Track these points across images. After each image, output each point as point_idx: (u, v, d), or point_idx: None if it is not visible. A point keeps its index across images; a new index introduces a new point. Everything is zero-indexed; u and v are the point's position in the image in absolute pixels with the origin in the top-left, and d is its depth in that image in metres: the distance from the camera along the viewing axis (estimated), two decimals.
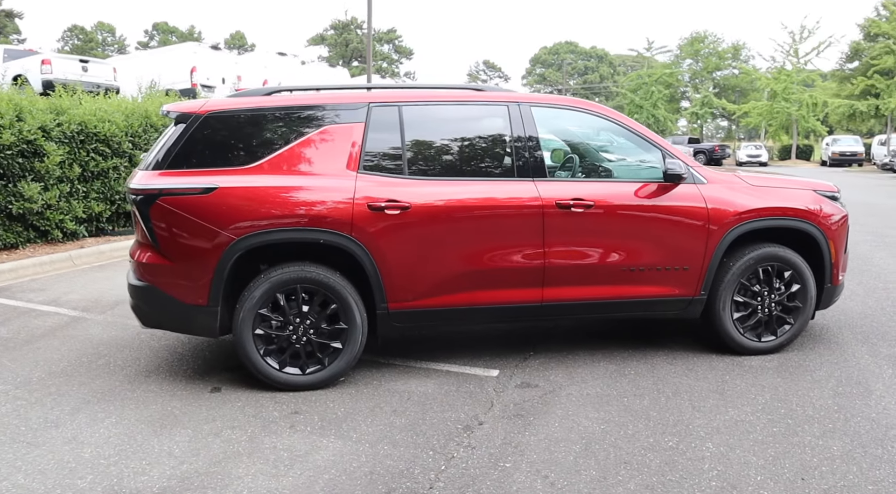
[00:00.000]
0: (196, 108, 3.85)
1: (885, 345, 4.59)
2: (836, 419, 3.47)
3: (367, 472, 2.99)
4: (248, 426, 3.44)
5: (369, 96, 4.06)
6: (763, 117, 45.82)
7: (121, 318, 5.37)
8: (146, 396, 3.83)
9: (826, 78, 47.14)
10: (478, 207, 3.95)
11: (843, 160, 39.04)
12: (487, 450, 3.18)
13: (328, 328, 3.87)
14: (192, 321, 3.83)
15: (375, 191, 3.83)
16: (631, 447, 3.21)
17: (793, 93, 43.01)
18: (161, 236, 3.71)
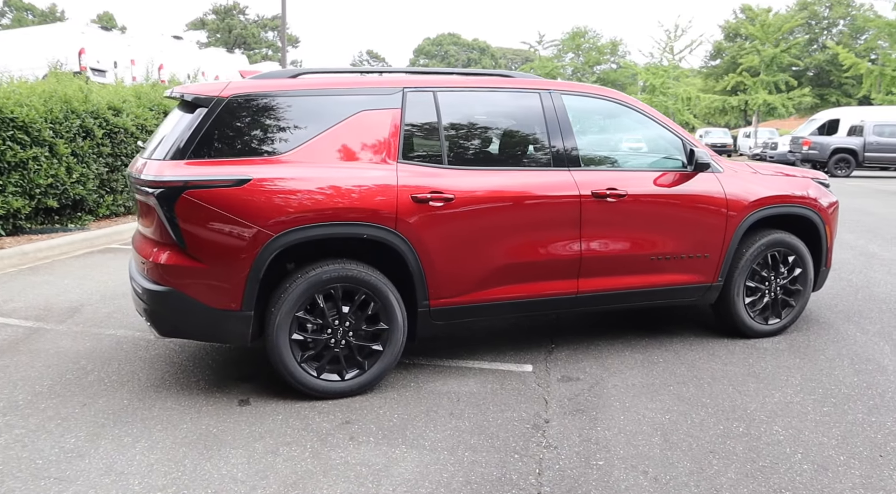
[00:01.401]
0: (218, 90, 3.44)
1: (868, 322, 4.94)
2: (872, 396, 3.67)
3: (462, 482, 2.81)
4: (303, 441, 3.14)
5: (403, 80, 3.81)
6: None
7: (87, 327, 4.76)
8: (168, 414, 3.40)
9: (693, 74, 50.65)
10: (519, 198, 3.82)
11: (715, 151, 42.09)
12: (572, 449, 3.09)
13: (368, 330, 3.61)
14: (223, 328, 3.44)
15: (417, 181, 3.60)
16: (707, 435, 3.23)
17: (669, 87, 45.82)
18: (188, 234, 3.29)
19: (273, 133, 3.48)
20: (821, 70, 57.58)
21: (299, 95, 3.57)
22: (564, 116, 4.02)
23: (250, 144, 3.44)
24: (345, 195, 3.46)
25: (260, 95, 3.50)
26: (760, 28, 36.93)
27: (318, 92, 3.61)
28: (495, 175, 3.82)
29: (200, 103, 3.41)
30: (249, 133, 3.45)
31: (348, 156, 3.55)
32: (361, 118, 3.60)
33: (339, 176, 3.48)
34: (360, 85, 3.72)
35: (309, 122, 3.53)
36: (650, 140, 4.33)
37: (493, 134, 3.96)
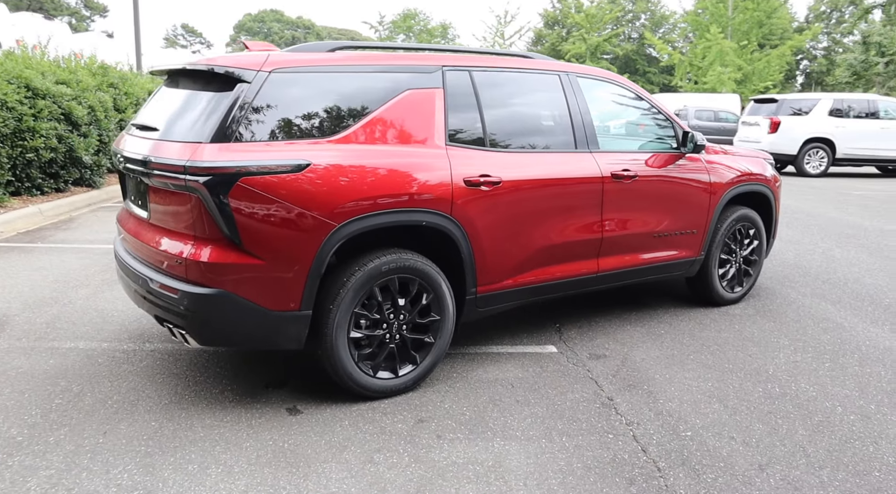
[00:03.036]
0: (258, 63, 3.04)
1: (801, 287, 5.59)
2: (852, 350, 4.17)
3: (582, 468, 2.79)
4: (392, 445, 2.93)
5: (440, 58, 3.61)
6: None
7: (32, 341, 4.02)
8: (219, 433, 2.99)
9: None
10: (555, 180, 3.82)
11: None
12: (653, 423, 3.19)
13: (421, 322, 3.44)
14: (278, 332, 3.07)
15: (467, 165, 3.47)
16: (754, 398, 3.48)
17: None
18: (244, 228, 2.88)
19: (322, 113, 3.15)
20: (628, 59, 62.91)
21: (346, 71, 3.26)
22: (583, 99, 4.07)
23: (299, 125, 3.08)
24: (405, 181, 3.24)
25: (304, 69, 3.15)
26: (586, 18, 39.76)
27: (364, 68, 3.32)
28: (532, 158, 3.78)
29: (239, 78, 2.99)
30: (297, 112, 3.09)
31: (400, 138, 3.32)
32: (409, 97, 3.37)
33: (397, 160, 3.25)
34: (405, 62, 3.48)
35: (359, 100, 3.25)
36: (648, 122, 4.52)
37: (526, 116, 3.90)
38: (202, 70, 3.11)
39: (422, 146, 3.36)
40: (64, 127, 8.45)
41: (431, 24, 64.05)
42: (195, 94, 3.15)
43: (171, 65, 3.38)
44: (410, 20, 62.74)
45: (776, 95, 16.33)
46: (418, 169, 3.30)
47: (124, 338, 4.15)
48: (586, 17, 39.82)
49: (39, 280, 5.35)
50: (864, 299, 5.25)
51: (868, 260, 6.57)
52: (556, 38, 66.85)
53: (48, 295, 4.95)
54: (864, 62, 21.76)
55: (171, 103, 3.28)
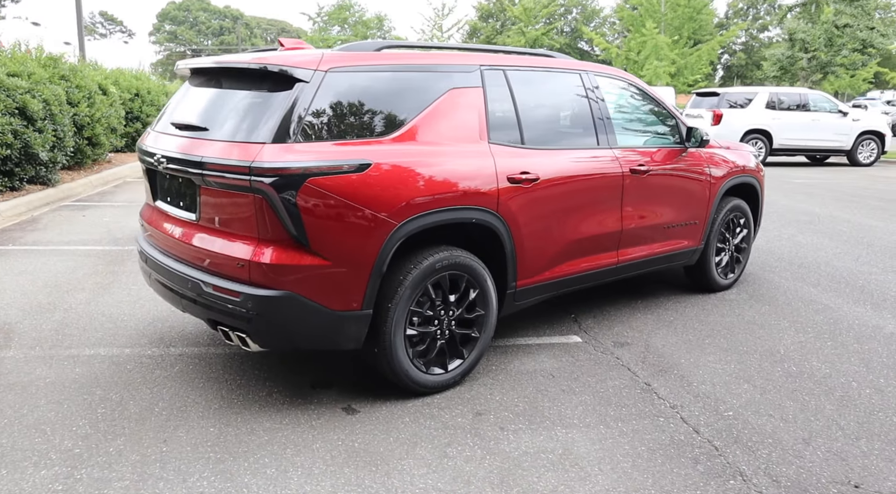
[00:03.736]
0: (314, 62, 3.01)
1: (781, 272, 5.94)
2: (846, 329, 4.49)
3: (647, 451, 2.93)
4: (461, 439, 2.99)
5: (477, 57, 3.66)
6: None
7: (48, 349, 3.84)
8: (285, 435, 2.97)
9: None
10: (583, 176, 3.94)
11: None
12: (695, 405, 3.36)
13: (468, 317, 3.50)
14: (341, 332, 3.07)
15: (509, 162, 3.54)
16: (776, 377, 3.71)
17: None
18: (312, 229, 2.86)
19: (376, 112, 3.15)
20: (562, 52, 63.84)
21: (396, 70, 3.27)
22: (602, 97, 4.21)
23: (355, 125, 3.08)
24: (458, 179, 3.28)
25: (358, 68, 3.14)
26: (524, 11, 40.25)
27: (412, 67, 3.34)
28: (562, 155, 3.89)
29: (296, 77, 2.96)
30: (353, 112, 3.09)
31: (448, 136, 3.35)
32: (453, 96, 3.41)
33: (449, 158, 3.29)
34: (448, 61, 3.51)
35: (409, 99, 3.26)
36: (655, 118, 4.70)
37: (555, 114, 4.00)
38: (253, 69, 3.06)
39: (468, 144, 3.41)
40: (19, 122, 7.99)
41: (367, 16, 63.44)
42: (246, 93, 3.09)
43: (212, 62, 3.30)
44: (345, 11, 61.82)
45: (717, 89, 17.07)
46: (468, 167, 3.35)
47: (144, 343, 4.02)
48: (524, 10, 40.29)
49: (27, 285, 5.09)
50: (839, 281, 5.63)
51: (830, 245, 7.02)
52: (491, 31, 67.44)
53: (45, 301, 4.72)
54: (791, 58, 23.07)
55: (216, 102, 3.21)
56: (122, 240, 6.68)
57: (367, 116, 3.12)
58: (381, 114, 3.16)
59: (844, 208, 9.52)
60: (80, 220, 7.70)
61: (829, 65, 22.51)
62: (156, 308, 4.63)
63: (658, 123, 4.70)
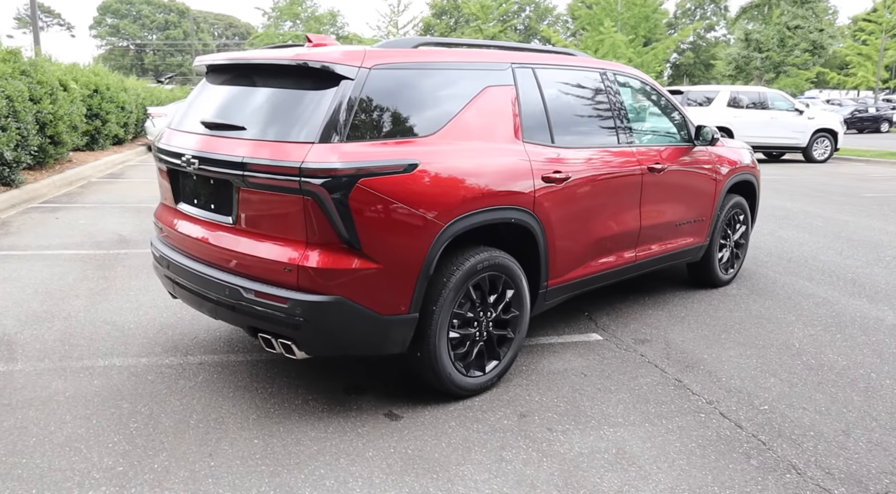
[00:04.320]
0: (358, 59, 2.92)
1: (773, 266, 6.10)
2: (850, 322, 4.63)
3: (697, 446, 2.96)
4: (513, 442, 2.96)
5: (508, 56, 3.62)
6: None
7: (57, 362, 3.64)
8: (332, 445, 2.89)
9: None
10: (608, 175, 3.95)
11: None
12: (730, 400, 3.40)
13: (504, 318, 3.47)
14: (388, 337, 2.99)
15: (542, 161, 3.52)
16: (799, 370, 3.80)
17: None
18: (364, 231, 2.78)
19: (419, 110, 3.09)
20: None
21: (435, 68, 3.21)
22: (621, 94, 4.23)
23: (399, 123, 3.01)
24: (499, 179, 3.25)
25: (399, 66, 3.07)
26: (481, 9, 40.31)
27: (451, 65, 3.28)
28: (588, 153, 3.88)
29: (341, 75, 2.87)
30: (396, 110, 3.01)
31: (486, 135, 3.31)
32: (489, 94, 3.37)
33: (489, 158, 3.25)
34: (483, 59, 3.47)
35: (449, 97, 3.21)
36: (666, 116, 4.74)
37: (580, 112, 3.98)
38: (294, 65, 2.95)
39: (505, 143, 3.38)
40: None
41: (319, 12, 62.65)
42: (285, 91, 2.98)
43: (244, 59, 3.17)
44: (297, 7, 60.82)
45: (681, 87, 17.44)
46: (508, 167, 3.32)
47: (159, 352, 3.86)
48: (481, 7, 40.34)
49: (16, 292, 4.83)
50: (830, 274, 5.81)
51: (811, 239, 7.25)
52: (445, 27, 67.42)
53: (39, 309, 4.48)
54: (746, 57, 23.80)
55: (251, 100, 3.09)
56: (105, 243, 6.40)
57: (410, 114, 3.05)
58: (423, 112, 3.10)
59: (813, 203, 9.85)
60: (53, 222, 7.36)
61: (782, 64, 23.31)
62: (160, 315, 4.45)
63: (669, 121, 4.75)
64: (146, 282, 5.19)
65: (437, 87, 3.20)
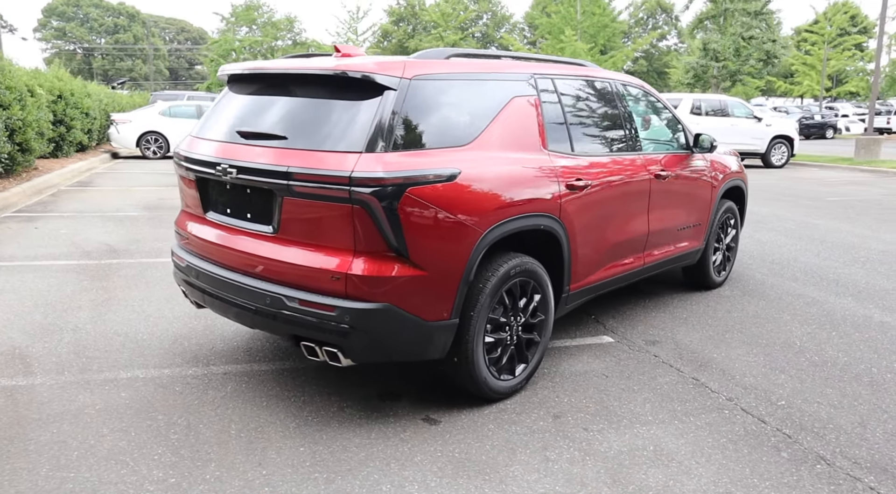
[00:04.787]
0: (399, 70, 2.97)
1: (763, 269, 6.35)
2: (841, 321, 4.86)
3: (728, 442, 3.08)
4: (554, 443, 3.03)
5: (528, 66, 3.71)
6: None
7: (75, 375, 3.57)
8: (379, 450, 2.92)
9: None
10: (620, 182, 4.07)
11: None
12: (748, 397, 3.55)
13: (532, 322, 3.55)
14: (430, 343, 3.03)
15: (565, 169, 3.62)
16: (807, 367, 3.98)
17: None
18: (412, 239, 2.82)
19: (455, 120, 3.15)
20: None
21: (469, 79, 3.28)
22: (628, 104, 4.37)
23: (438, 133, 3.07)
24: (530, 186, 3.33)
25: (437, 76, 3.13)
26: (441, 16, 40.57)
27: (482, 75, 3.35)
28: (603, 161, 4.00)
29: (384, 85, 2.91)
30: (435, 120, 3.07)
31: (516, 144, 3.39)
32: (516, 104, 3.45)
33: (521, 166, 3.34)
34: (508, 69, 3.55)
35: (481, 107, 3.28)
36: (666, 124, 4.91)
37: (595, 121, 4.10)
38: (335, 76, 2.97)
39: (533, 152, 3.47)
40: None
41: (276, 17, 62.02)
42: (326, 101, 3.01)
43: (279, 68, 3.18)
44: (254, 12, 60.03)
45: None
46: (537, 174, 3.41)
47: (179, 362, 3.81)
48: (442, 15, 40.63)
49: (16, 305, 4.69)
50: (812, 275, 6.07)
51: (788, 242, 7.56)
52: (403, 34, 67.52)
53: (44, 321, 4.37)
54: (703, 66, 24.59)
55: (288, 110, 3.10)
56: (95, 254, 6.26)
57: (448, 124, 3.12)
58: (459, 122, 3.16)
59: (782, 207, 10.25)
60: (33, 233, 7.14)
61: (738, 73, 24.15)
62: (171, 326, 4.39)
63: (668, 129, 4.92)
64: (147, 292, 5.10)
65: (471, 97, 3.27)
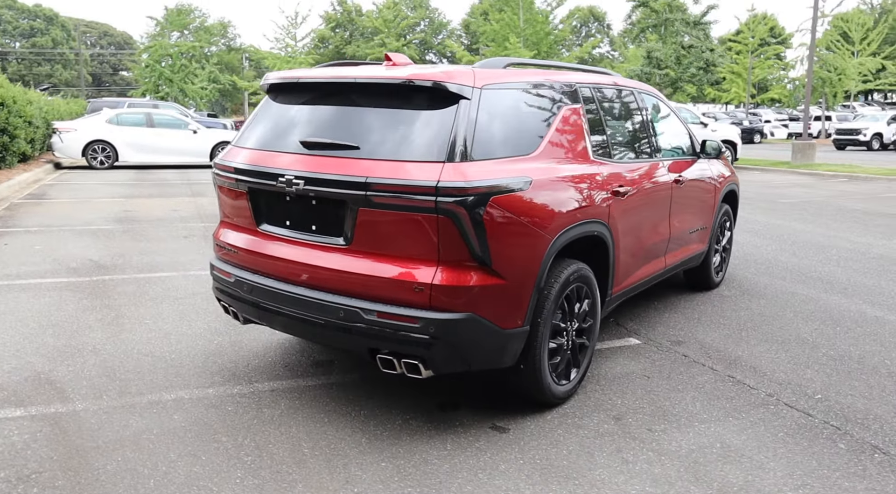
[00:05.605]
0: (470, 79, 2.98)
1: (750, 269, 6.63)
2: (839, 316, 5.13)
3: (786, 435, 3.21)
4: (625, 444, 3.10)
5: (574, 76, 3.78)
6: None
7: (114, 399, 3.41)
8: (461, 460, 2.91)
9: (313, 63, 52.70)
10: (651, 188, 4.20)
11: None
12: (784, 392, 3.71)
13: (583, 326, 3.61)
14: (505, 351, 3.04)
15: (610, 176, 3.70)
16: (830, 363, 4.17)
17: None
18: (495, 248, 2.83)
19: (519, 129, 3.19)
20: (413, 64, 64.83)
21: (527, 89, 3.32)
22: (649, 111, 4.50)
23: (506, 142, 3.09)
24: (587, 193, 3.40)
25: (502, 85, 3.15)
26: (383, 23, 40.59)
27: (539, 85, 3.40)
28: (636, 166, 4.12)
29: (459, 94, 2.91)
30: (503, 129, 3.10)
31: (569, 151, 3.46)
32: (567, 113, 3.52)
33: (578, 173, 3.39)
34: (557, 79, 3.60)
35: (541, 116, 3.33)
36: (676, 131, 5.07)
37: (626, 129, 4.20)
38: (407, 85, 2.95)
39: (584, 159, 3.54)
40: None
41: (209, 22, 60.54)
42: (397, 110, 2.98)
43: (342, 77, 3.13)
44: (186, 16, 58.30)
45: None
46: (591, 181, 3.48)
47: (220, 381, 3.68)
48: (384, 22, 40.64)
49: (20, 327, 4.43)
50: (797, 274, 6.39)
51: (764, 243, 7.92)
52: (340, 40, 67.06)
53: (57, 343, 4.14)
54: (647, 73, 25.51)
55: (351, 119, 3.06)
56: (82, 270, 5.96)
57: (515, 132, 3.15)
58: (522, 130, 3.20)
59: (742, 209, 10.63)
60: (5, 249, 6.74)
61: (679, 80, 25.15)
62: (196, 344, 4.24)
63: (681, 135, 5.09)
64: (155, 309, 4.90)
65: (532, 106, 3.31)
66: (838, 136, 29.38)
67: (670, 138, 4.95)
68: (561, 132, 3.42)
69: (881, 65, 37.01)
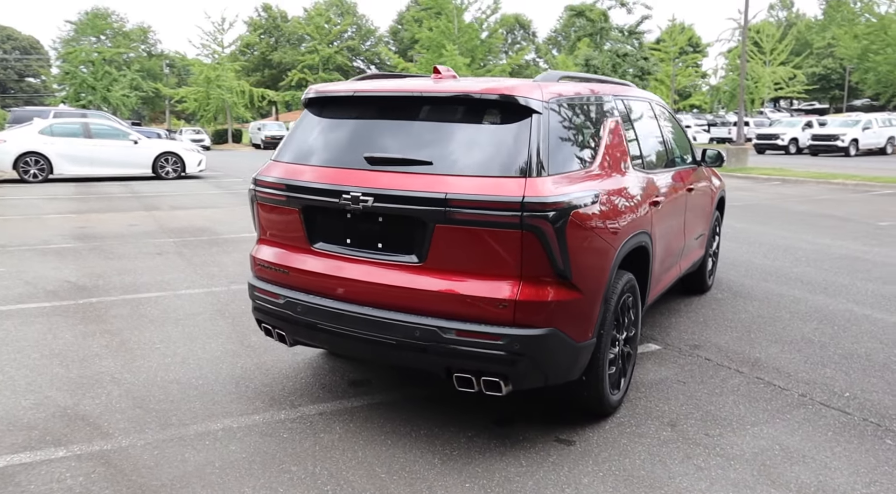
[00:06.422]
0: (539, 93, 2.97)
1: (736, 271, 6.88)
2: (833, 316, 5.41)
3: (833, 432, 3.35)
4: (691, 451, 3.15)
5: (610, 88, 3.83)
6: (199, 103, 46.74)
7: (163, 431, 3.20)
8: (542, 476, 2.89)
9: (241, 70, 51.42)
10: (676, 197, 4.30)
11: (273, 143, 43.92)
12: (813, 390, 3.87)
13: (629, 335, 3.65)
14: (577, 363, 3.04)
15: (646, 186, 3.77)
16: (843, 361, 4.38)
17: (224, 81, 45.43)
18: (575, 262, 2.82)
19: (579, 142, 3.20)
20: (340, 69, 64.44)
21: (583, 102, 3.34)
22: (664, 121, 4.62)
23: (571, 155, 3.10)
24: (638, 203, 3.46)
25: (564, 99, 3.16)
26: (316, 30, 40.02)
27: (590, 98, 3.42)
28: (660, 176, 4.20)
29: (530, 108, 2.90)
30: (567, 142, 3.10)
31: (617, 163, 3.49)
32: (612, 125, 3.56)
33: (627, 185, 3.44)
34: (602, 92, 3.63)
35: (594, 129, 3.35)
36: (680, 139, 5.21)
37: (650, 139, 4.28)
38: (480, 99, 2.91)
39: (629, 170, 3.59)
40: None
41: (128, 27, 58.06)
42: (468, 125, 2.94)
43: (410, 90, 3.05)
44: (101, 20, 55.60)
45: None
46: (638, 192, 3.53)
47: (262, 407, 3.52)
48: (316, 28, 40.09)
49: (21, 358, 4.10)
50: (776, 275, 6.69)
51: (734, 246, 8.24)
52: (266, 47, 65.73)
53: (70, 375, 3.85)
54: None
55: (415, 134, 3.00)
56: (62, 293, 5.58)
57: (577, 146, 3.16)
58: (583, 144, 3.22)
59: None
60: None
61: None
62: (217, 367, 4.04)
63: (685, 144, 5.24)
64: (160, 333, 4.64)
65: (587, 119, 3.34)
66: (759, 140, 31.06)
67: (680, 147, 5.09)
68: (610, 145, 3.46)
69: (793, 73, 39.40)
